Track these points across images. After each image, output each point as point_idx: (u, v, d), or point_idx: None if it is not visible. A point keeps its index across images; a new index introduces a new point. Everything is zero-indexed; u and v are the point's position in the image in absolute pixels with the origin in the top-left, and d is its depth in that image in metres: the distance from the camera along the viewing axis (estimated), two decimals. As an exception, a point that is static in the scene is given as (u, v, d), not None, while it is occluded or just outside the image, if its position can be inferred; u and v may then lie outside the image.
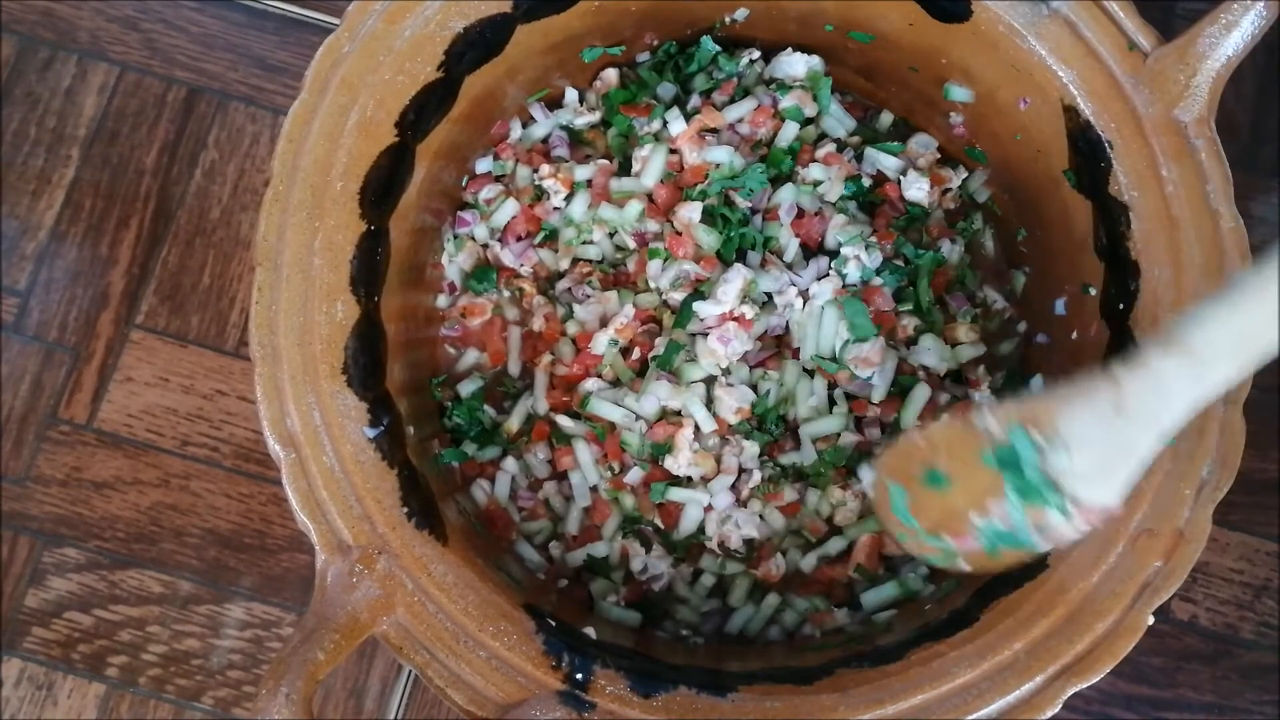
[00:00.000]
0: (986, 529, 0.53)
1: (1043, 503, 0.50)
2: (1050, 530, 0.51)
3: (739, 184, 0.68)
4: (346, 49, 0.58)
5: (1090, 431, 0.48)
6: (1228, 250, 0.57)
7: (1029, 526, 0.51)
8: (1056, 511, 0.50)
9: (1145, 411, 0.47)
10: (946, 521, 0.55)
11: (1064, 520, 0.50)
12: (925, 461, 0.55)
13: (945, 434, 0.55)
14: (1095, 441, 0.48)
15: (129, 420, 0.76)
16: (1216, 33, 0.56)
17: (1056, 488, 0.49)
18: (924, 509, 0.56)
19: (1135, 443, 0.48)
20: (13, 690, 0.73)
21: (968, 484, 0.53)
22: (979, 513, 0.53)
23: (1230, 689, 0.74)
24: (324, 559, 0.53)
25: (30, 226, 0.79)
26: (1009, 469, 0.50)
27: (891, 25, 0.66)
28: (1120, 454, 0.48)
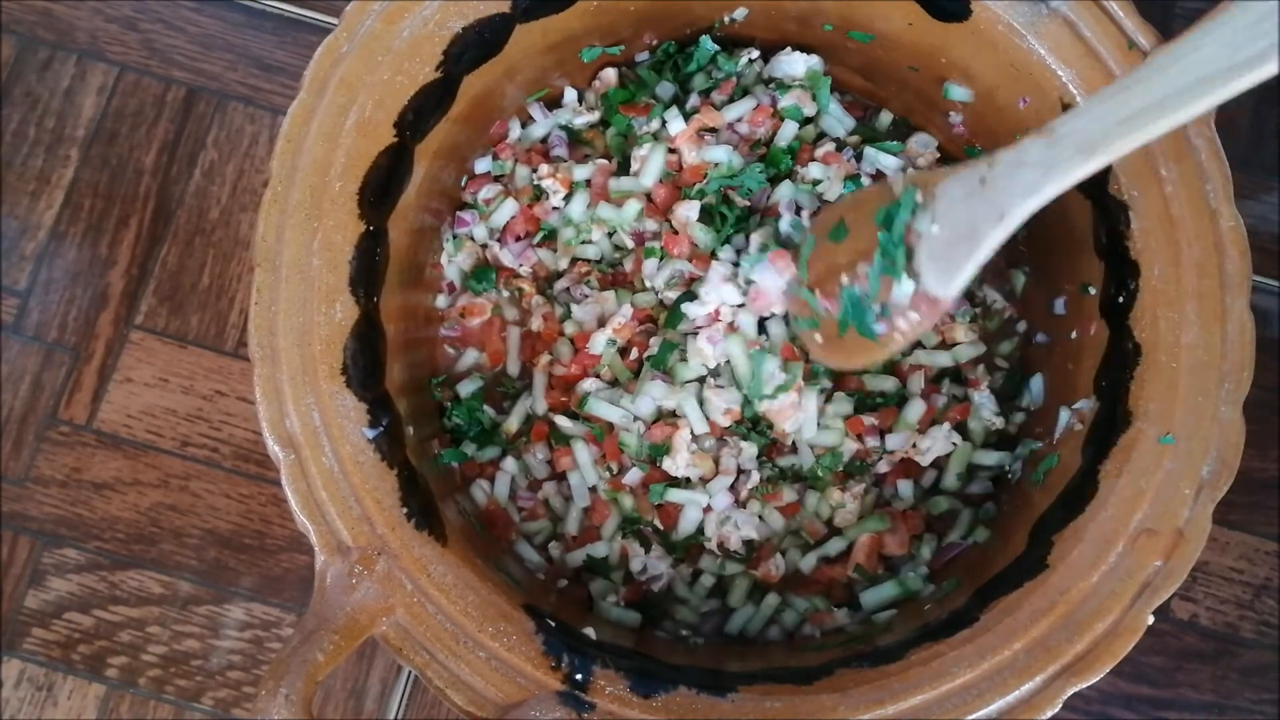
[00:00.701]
0: (847, 295, 0.54)
1: (895, 271, 0.51)
2: (892, 307, 0.52)
3: (738, 183, 0.68)
4: (345, 49, 0.58)
5: (955, 204, 0.50)
6: (1227, 249, 0.57)
7: (876, 299, 0.53)
8: (902, 284, 0.51)
9: (1002, 188, 0.48)
10: (826, 278, 0.56)
11: (904, 297, 0.51)
12: (840, 214, 0.57)
13: (865, 192, 0.57)
14: (955, 215, 0.50)
15: (129, 421, 0.76)
16: (1216, 32, 0.56)
17: (910, 254, 0.51)
18: (817, 260, 0.57)
19: (983, 227, 0.49)
20: (13, 691, 0.73)
21: (856, 241, 0.54)
22: (849, 274, 0.54)
23: (1230, 688, 0.74)
24: (323, 560, 0.53)
25: (30, 227, 0.79)
26: (886, 226, 0.52)
27: (891, 25, 0.66)
28: (968, 237, 0.50)
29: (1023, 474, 0.65)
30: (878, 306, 0.54)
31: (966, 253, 0.50)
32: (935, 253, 0.51)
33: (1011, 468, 0.67)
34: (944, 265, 0.51)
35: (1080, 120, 0.46)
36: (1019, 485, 0.65)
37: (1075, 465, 0.59)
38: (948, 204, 0.51)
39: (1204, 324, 0.57)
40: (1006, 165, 0.49)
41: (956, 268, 0.51)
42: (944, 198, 0.51)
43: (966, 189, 0.50)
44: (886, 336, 0.55)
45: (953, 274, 0.51)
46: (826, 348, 0.59)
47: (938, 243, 0.51)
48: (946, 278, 0.51)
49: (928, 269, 0.52)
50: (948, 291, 0.52)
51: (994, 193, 0.49)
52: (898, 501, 0.67)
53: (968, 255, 0.50)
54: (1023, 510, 0.62)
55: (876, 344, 0.56)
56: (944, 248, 0.51)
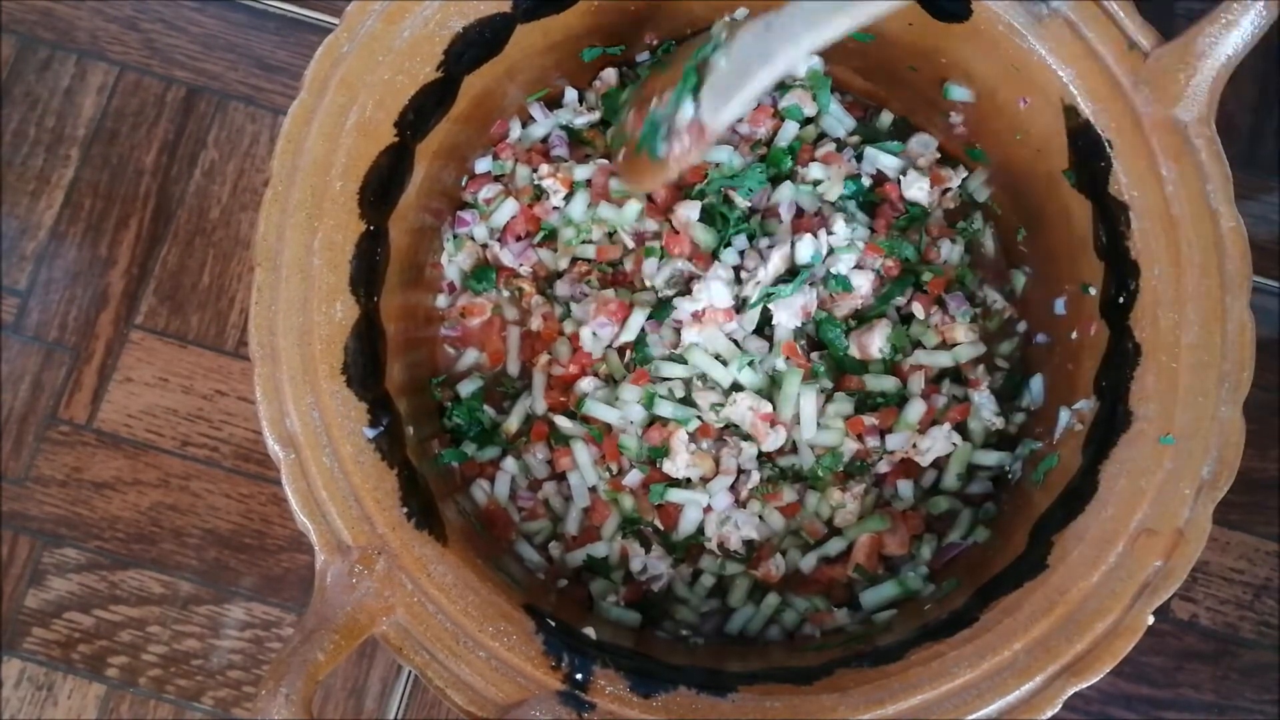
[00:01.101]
0: (650, 115, 0.59)
1: (687, 92, 0.56)
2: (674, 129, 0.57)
3: (738, 183, 0.68)
4: (346, 49, 0.58)
5: (744, 44, 0.55)
6: (1228, 249, 0.57)
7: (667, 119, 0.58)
8: (684, 107, 0.56)
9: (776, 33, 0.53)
10: (642, 101, 0.61)
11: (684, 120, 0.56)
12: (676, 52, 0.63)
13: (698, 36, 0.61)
14: (741, 53, 0.55)
15: (129, 420, 0.76)
16: (1216, 32, 0.56)
17: (700, 82, 0.56)
18: (644, 87, 0.62)
19: (755, 66, 0.54)
20: (13, 690, 0.73)
21: (673, 70, 0.59)
22: (658, 99, 0.59)
23: (1230, 688, 0.74)
24: (324, 559, 0.53)
25: (30, 226, 0.79)
26: (694, 57, 0.57)
27: (891, 24, 0.65)
28: (742, 73, 0.54)
29: (1023, 474, 0.65)
30: (665, 128, 0.58)
31: (737, 86, 0.55)
32: (716, 85, 0.56)
33: (1011, 468, 0.67)
34: (719, 96, 0.56)
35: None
36: (1019, 485, 0.65)
37: (1075, 465, 0.59)
38: (738, 44, 0.55)
39: (1204, 324, 0.57)
40: (786, 14, 0.53)
41: (727, 99, 0.55)
42: (738, 39, 0.55)
43: (756, 32, 0.54)
44: (666, 158, 0.59)
45: (723, 104, 0.56)
46: (624, 166, 0.63)
47: (721, 75, 0.56)
48: (717, 107, 0.56)
49: (706, 97, 0.56)
50: (714, 120, 0.56)
51: (771, 35, 0.53)
52: (898, 501, 0.67)
53: (738, 89, 0.55)
54: (1023, 510, 0.62)
55: (658, 163, 0.59)
56: (723, 80, 0.55)
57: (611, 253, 0.69)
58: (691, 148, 0.58)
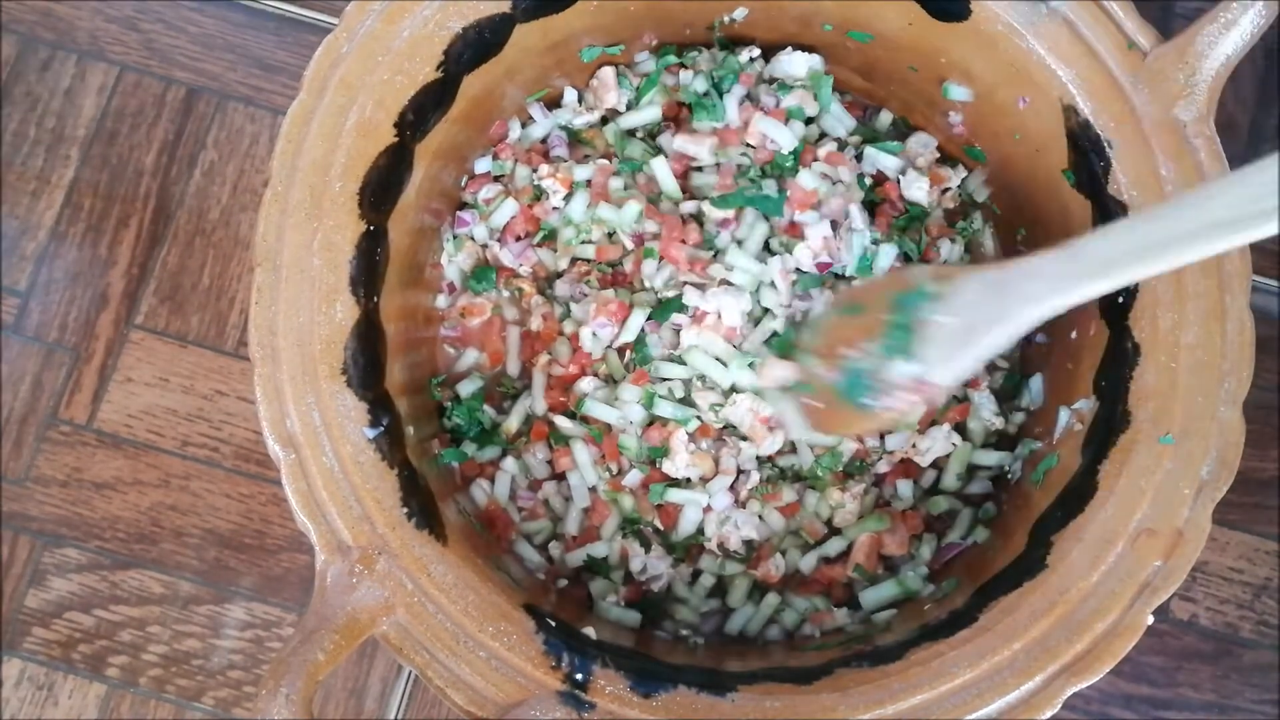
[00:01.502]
0: (847, 365, 0.58)
1: (899, 349, 0.55)
2: (888, 385, 0.56)
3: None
4: (345, 49, 0.58)
5: (967, 299, 0.54)
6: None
7: (874, 373, 0.56)
8: (903, 364, 0.55)
9: (1012, 293, 0.51)
10: (831, 348, 0.60)
11: (903, 377, 0.55)
12: (860, 295, 0.61)
13: (883, 278, 0.60)
14: (965, 310, 0.53)
15: (129, 420, 0.76)
16: (1215, 32, 0.56)
17: (916, 337, 0.55)
18: (829, 333, 0.61)
19: (987, 325, 0.53)
20: (13, 690, 0.73)
21: (870, 318, 0.58)
22: (854, 348, 0.58)
23: (1230, 688, 0.74)
24: (324, 559, 0.53)
25: (30, 227, 0.79)
26: (898, 309, 0.55)
27: (890, 25, 0.66)
28: (972, 332, 0.53)
29: (1022, 474, 0.65)
30: (874, 382, 0.57)
31: (968, 346, 0.54)
32: (939, 341, 0.55)
33: (1011, 468, 0.67)
34: (945, 354, 0.54)
35: (1099, 244, 0.49)
36: (1018, 485, 0.65)
37: (1075, 465, 0.59)
38: (960, 299, 0.54)
39: (1203, 324, 0.56)
40: (1021, 273, 0.52)
41: (956, 358, 0.54)
42: (957, 292, 0.54)
43: (981, 288, 0.53)
44: (876, 411, 0.58)
45: (951, 363, 0.55)
46: (819, 413, 0.62)
47: (944, 332, 0.54)
48: (945, 366, 0.55)
49: (930, 355, 0.55)
50: (944, 379, 0.55)
51: (1004, 296, 0.52)
52: (897, 501, 0.68)
53: (969, 349, 0.54)
54: (1022, 510, 0.62)
55: (865, 415, 0.58)
56: (948, 338, 0.54)
57: (611, 253, 0.69)
58: (917, 402, 0.57)
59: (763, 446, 0.65)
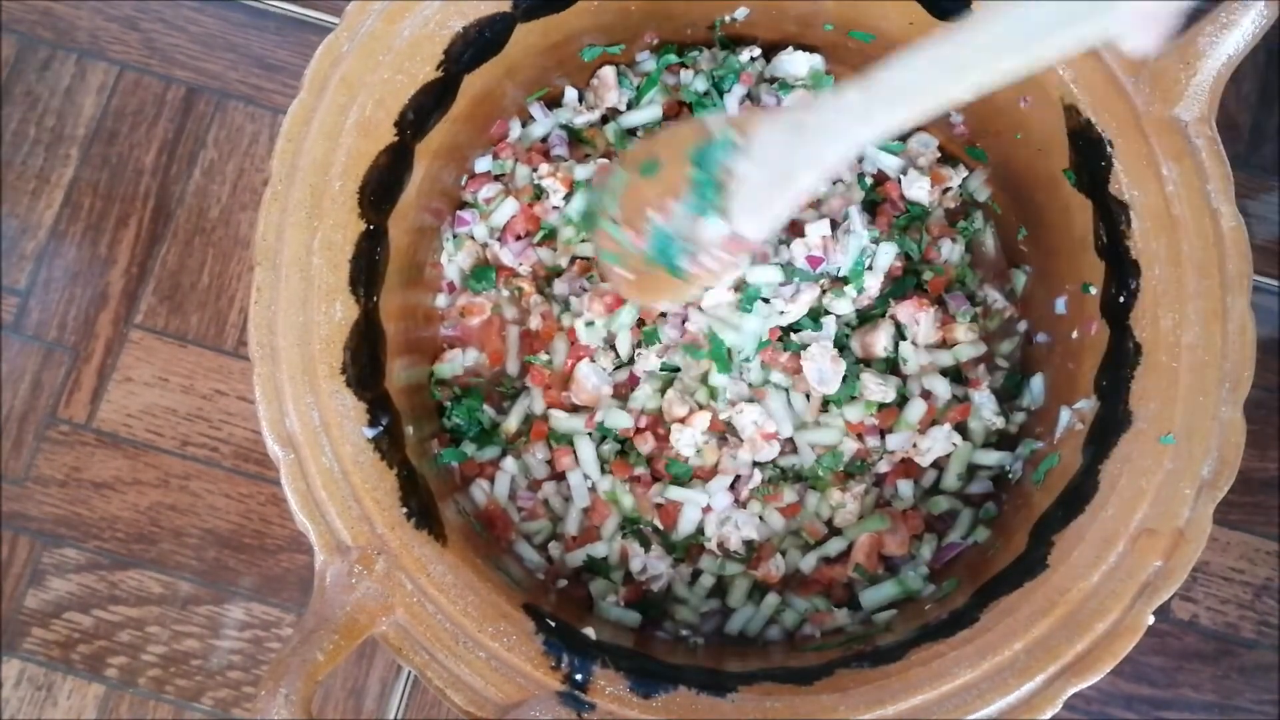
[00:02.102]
0: (656, 230, 0.54)
1: (707, 205, 0.52)
2: (701, 245, 0.53)
3: None
4: (345, 48, 0.58)
5: (773, 147, 0.50)
6: (1228, 249, 0.57)
7: (685, 236, 0.53)
8: (713, 222, 0.52)
9: (818, 133, 0.48)
10: (635, 213, 0.56)
11: (715, 236, 0.52)
12: (653, 150, 0.57)
13: (681, 128, 0.56)
14: (772, 158, 0.50)
15: (128, 420, 0.76)
16: (1216, 32, 0.56)
17: (722, 191, 0.52)
18: (628, 198, 0.57)
19: (797, 171, 0.49)
20: (12, 691, 0.73)
21: (669, 175, 0.54)
22: (659, 210, 0.54)
23: (1231, 688, 0.74)
24: (323, 559, 0.53)
25: (30, 226, 0.79)
26: (700, 164, 0.52)
27: (891, 24, 0.65)
28: (782, 180, 0.50)
29: (1023, 474, 0.65)
30: (685, 244, 0.54)
31: (779, 195, 0.51)
32: (748, 195, 0.52)
33: (1012, 467, 0.67)
34: (756, 206, 0.52)
35: (899, 67, 0.46)
36: (1019, 485, 0.65)
37: (1076, 465, 0.59)
38: (765, 147, 0.51)
39: (1204, 324, 0.56)
40: (824, 111, 0.49)
41: (768, 209, 0.52)
42: (761, 140, 0.51)
43: (785, 133, 0.50)
44: (694, 274, 0.55)
45: (764, 215, 0.52)
46: (634, 285, 0.59)
47: (752, 184, 0.51)
48: (758, 219, 0.52)
49: (739, 209, 0.52)
50: (758, 232, 0.52)
51: (811, 137, 0.49)
52: (898, 501, 0.67)
53: (780, 197, 0.51)
54: (1023, 510, 0.62)
55: (684, 281, 0.56)
56: (757, 189, 0.51)
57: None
58: (729, 260, 0.54)
59: (760, 454, 0.65)
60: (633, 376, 0.68)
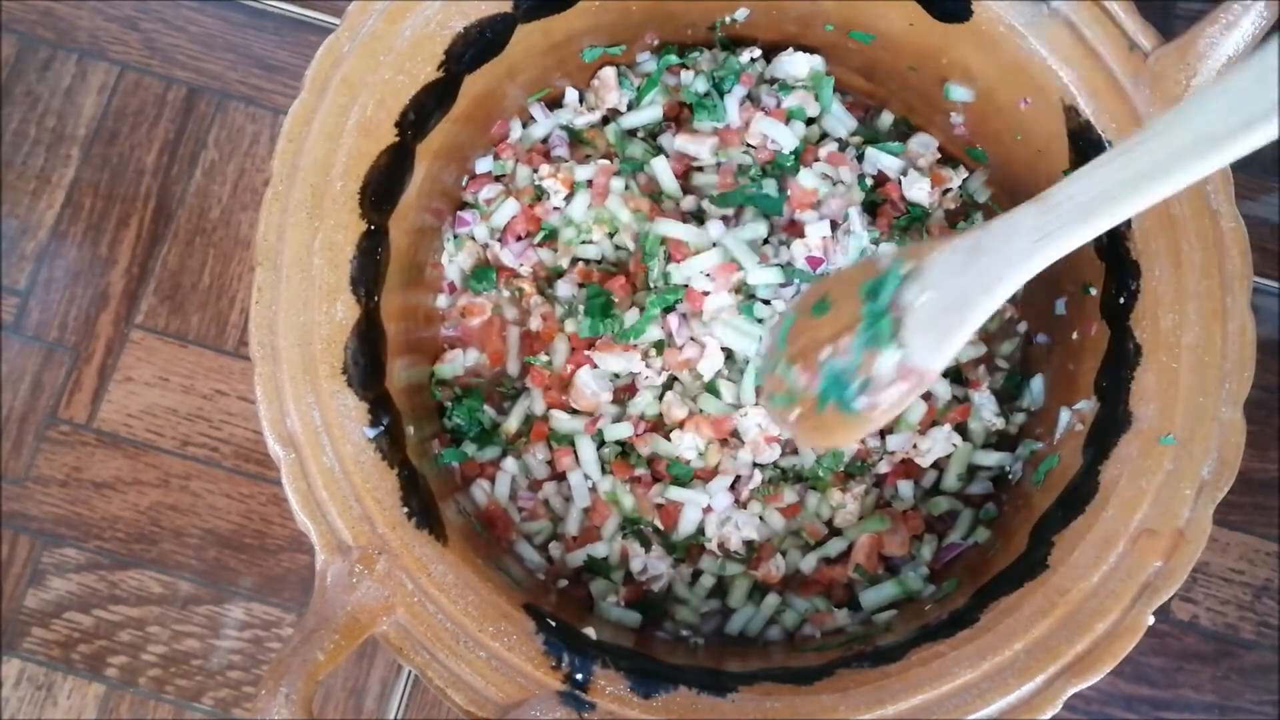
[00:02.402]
0: (828, 368, 0.53)
1: (880, 341, 0.50)
2: (875, 380, 0.51)
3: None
4: (346, 48, 0.58)
5: (946, 272, 0.49)
6: (1228, 249, 0.57)
7: (859, 370, 0.51)
8: (887, 354, 0.50)
9: (995, 255, 0.47)
10: (805, 352, 0.55)
11: (889, 369, 0.50)
12: (824, 290, 0.55)
13: (850, 268, 0.55)
14: (946, 284, 0.48)
15: (129, 420, 0.76)
16: (1216, 33, 0.56)
17: (897, 323, 0.50)
18: (798, 335, 0.56)
19: (974, 295, 0.47)
20: (12, 690, 0.73)
21: (839, 314, 0.53)
22: (831, 347, 0.53)
23: (1231, 689, 0.74)
24: (324, 559, 0.53)
25: (30, 226, 0.79)
26: (871, 297, 0.51)
27: (892, 25, 0.66)
28: (958, 306, 0.48)
29: (1023, 474, 0.65)
30: (860, 380, 0.52)
31: (957, 322, 0.48)
32: (923, 323, 0.50)
33: (1012, 468, 0.67)
34: (933, 335, 0.49)
35: (1076, 185, 0.45)
36: (1019, 486, 0.65)
37: (1076, 466, 0.59)
38: (938, 273, 0.49)
39: (1204, 324, 0.56)
40: (1001, 232, 0.47)
41: (945, 337, 0.49)
42: (934, 267, 0.50)
43: (959, 258, 0.49)
44: (868, 411, 0.53)
45: (941, 344, 0.49)
46: (803, 424, 0.56)
47: (926, 312, 0.49)
48: (935, 348, 0.50)
49: (915, 339, 0.50)
50: (936, 362, 0.50)
51: (987, 260, 0.47)
52: (898, 502, 0.67)
53: (958, 324, 0.48)
54: (1023, 511, 0.62)
55: (857, 419, 0.53)
56: (933, 317, 0.49)
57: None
58: (910, 392, 0.51)
59: (761, 456, 0.65)
60: (633, 383, 0.68)
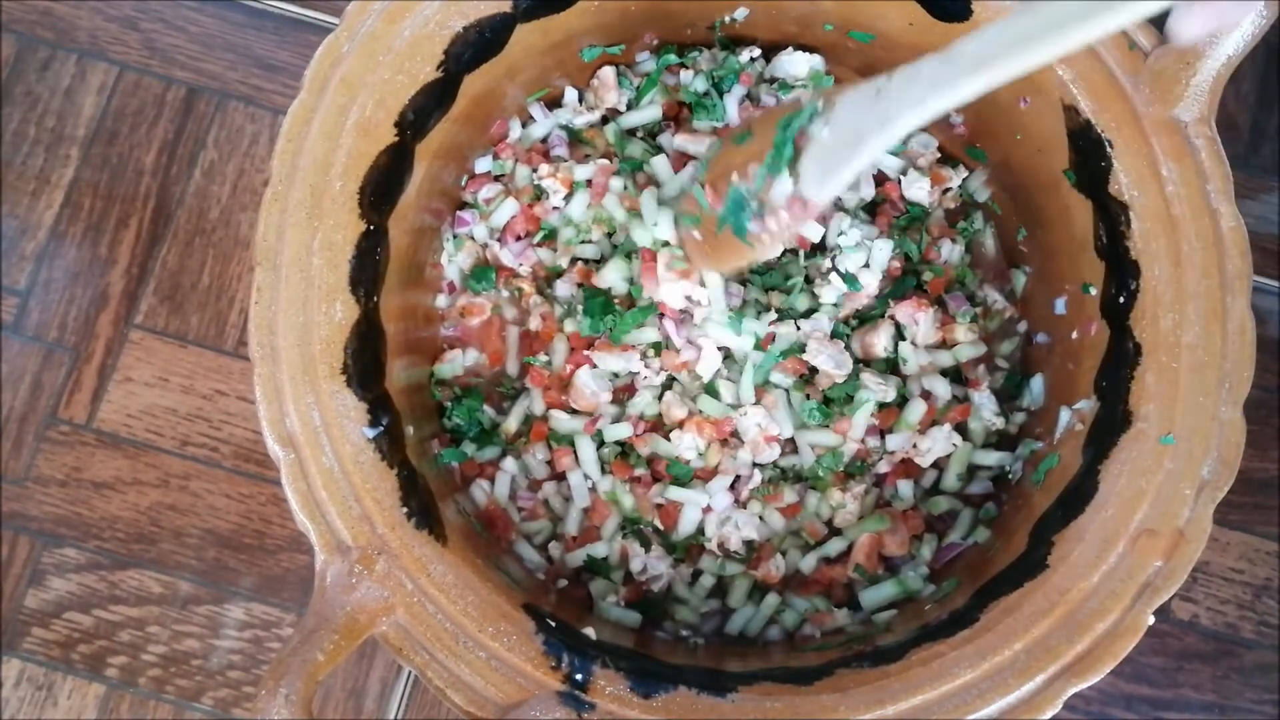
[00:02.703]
0: (732, 193, 0.57)
1: (778, 167, 0.54)
2: (767, 206, 0.55)
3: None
4: (346, 49, 0.58)
5: (849, 112, 0.51)
6: (1228, 249, 0.57)
7: (757, 196, 0.55)
8: (781, 181, 0.54)
9: (893, 99, 0.49)
10: (720, 176, 0.58)
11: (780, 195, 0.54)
12: (749, 122, 0.59)
13: (778, 105, 0.58)
14: (846, 122, 0.51)
15: (128, 420, 0.76)
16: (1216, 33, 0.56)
17: (797, 154, 0.53)
18: (718, 162, 0.60)
19: (868, 134, 0.50)
20: (12, 690, 0.73)
21: (758, 144, 0.56)
22: (740, 173, 0.56)
23: (1231, 689, 0.74)
24: (323, 559, 0.53)
25: (30, 226, 0.79)
26: (782, 128, 0.54)
27: (891, 25, 0.65)
28: (852, 143, 0.51)
29: (1023, 474, 0.65)
30: (755, 204, 0.56)
31: (847, 157, 0.52)
32: (819, 156, 0.53)
33: (1012, 468, 0.67)
34: (824, 168, 0.53)
35: (976, 40, 0.46)
36: (1019, 485, 0.65)
37: (1076, 465, 0.59)
38: (842, 111, 0.52)
39: (1204, 324, 0.56)
40: (901, 78, 0.49)
41: (834, 172, 0.52)
42: (841, 106, 0.52)
43: (863, 99, 0.51)
44: (756, 236, 0.57)
45: (829, 177, 0.53)
46: (702, 245, 0.61)
47: (824, 146, 0.53)
48: (823, 180, 0.53)
49: (809, 171, 0.53)
50: (820, 194, 0.54)
51: (885, 103, 0.50)
52: (898, 502, 0.67)
53: (848, 160, 0.52)
54: (1023, 510, 0.62)
55: (746, 244, 0.57)
56: (828, 152, 0.52)
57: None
58: (790, 224, 0.55)
59: (761, 456, 0.65)
60: (632, 383, 0.68)
